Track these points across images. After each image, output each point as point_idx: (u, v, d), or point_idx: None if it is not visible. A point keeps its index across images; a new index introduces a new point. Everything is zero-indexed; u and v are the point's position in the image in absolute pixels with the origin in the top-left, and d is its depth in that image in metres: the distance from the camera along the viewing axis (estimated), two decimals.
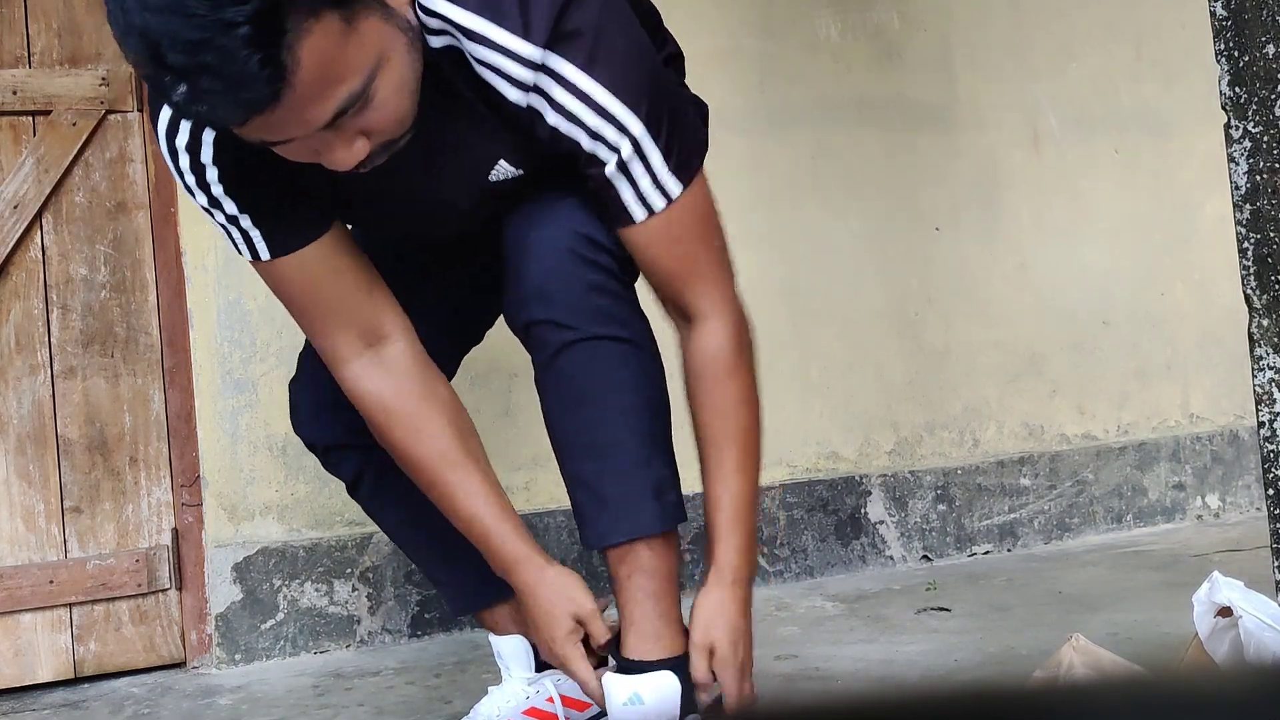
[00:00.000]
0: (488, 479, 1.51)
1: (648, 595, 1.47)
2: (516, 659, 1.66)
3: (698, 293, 1.46)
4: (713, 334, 1.48)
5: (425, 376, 1.50)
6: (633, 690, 1.42)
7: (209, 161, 1.37)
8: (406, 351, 1.49)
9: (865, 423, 2.86)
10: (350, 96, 1.18)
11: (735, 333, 1.51)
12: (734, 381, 1.50)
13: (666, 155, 1.38)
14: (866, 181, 2.90)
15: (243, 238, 1.42)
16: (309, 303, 1.46)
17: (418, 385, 1.49)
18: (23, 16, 2.29)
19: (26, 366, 2.26)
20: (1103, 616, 2.16)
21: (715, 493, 1.49)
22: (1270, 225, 1.42)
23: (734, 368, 1.51)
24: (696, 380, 1.49)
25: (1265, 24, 1.42)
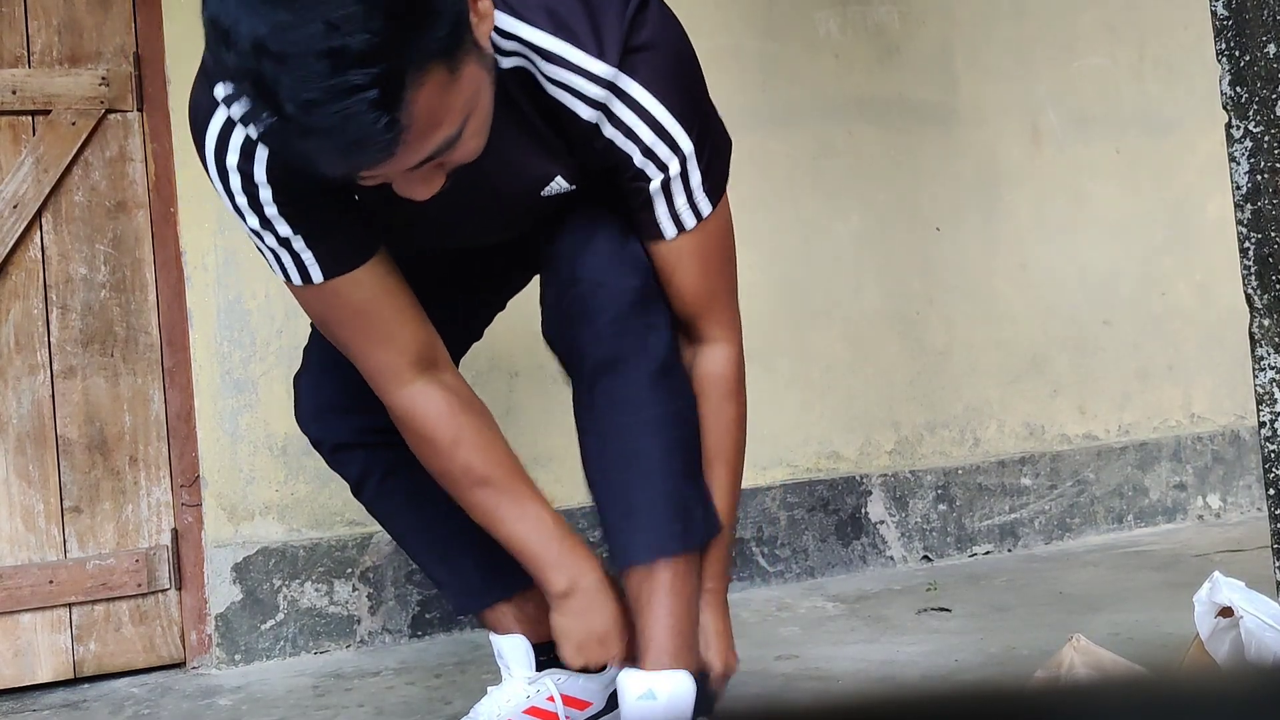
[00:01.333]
0: (539, 494, 1.55)
1: (669, 614, 1.48)
2: (517, 658, 1.66)
3: (710, 317, 1.52)
4: (721, 357, 1.54)
5: (474, 399, 1.53)
6: (648, 686, 1.43)
7: (263, 181, 1.35)
8: (458, 379, 1.52)
9: (866, 422, 2.86)
10: (447, 140, 1.18)
11: (738, 358, 1.57)
12: (733, 405, 1.56)
13: (705, 175, 1.42)
14: (867, 180, 2.90)
15: (293, 260, 1.40)
16: (364, 323, 1.43)
17: (474, 406, 1.52)
18: (22, 15, 2.28)
19: (26, 366, 2.26)
20: (1104, 617, 2.16)
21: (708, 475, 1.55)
22: (1271, 225, 1.42)
23: (735, 392, 1.56)
24: (699, 398, 1.54)
25: (1266, 24, 1.42)
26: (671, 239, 1.44)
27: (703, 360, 1.53)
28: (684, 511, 1.49)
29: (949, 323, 2.96)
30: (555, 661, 1.63)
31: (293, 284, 1.42)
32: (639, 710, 1.43)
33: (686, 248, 1.45)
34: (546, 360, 2.57)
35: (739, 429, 1.57)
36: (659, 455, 1.49)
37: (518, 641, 1.66)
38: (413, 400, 1.46)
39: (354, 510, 2.39)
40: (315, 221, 1.37)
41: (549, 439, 2.56)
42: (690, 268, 1.47)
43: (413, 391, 1.46)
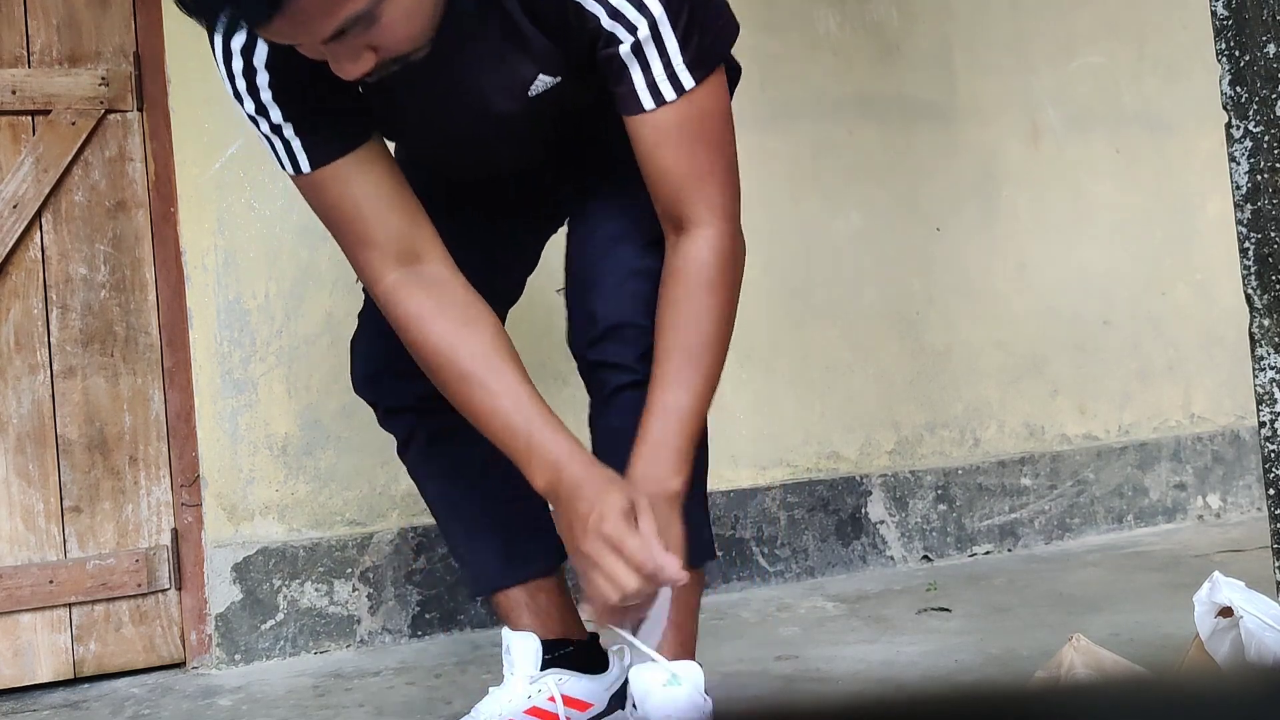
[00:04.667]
0: (528, 382, 1.45)
1: (672, 625, 1.49)
2: (525, 656, 1.64)
3: (695, 198, 1.41)
4: (702, 242, 1.42)
5: (467, 293, 1.46)
6: (670, 672, 1.44)
7: (261, 65, 1.39)
8: (445, 271, 1.46)
9: (866, 422, 2.86)
10: (353, 16, 1.20)
11: (725, 246, 1.44)
12: (711, 296, 1.43)
13: (683, 45, 1.38)
14: (867, 178, 2.90)
15: (284, 148, 1.43)
16: (347, 216, 1.44)
17: (459, 297, 1.46)
18: (22, 15, 2.28)
19: (26, 366, 2.26)
20: (1104, 617, 2.16)
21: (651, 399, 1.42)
22: (1271, 225, 1.42)
23: (715, 282, 1.43)
24: (673, 285, 1.43)
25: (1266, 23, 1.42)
26: (651, 111, 1.38)
27: (682, 247, 1.43)
28: (694, 532, 1.48)
29: (949, 323, 2.96)
30: (560, 660, 1.63)
31: (288, 173, 1.46)
32: (667, 695, 1.43)
33: (668, 122, 1.38)
34: (547, 360, 2.58)
35: (713, 324, 1.42)
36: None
37: (528, 640, 1.64)
38: (392, 294, 1.45)
39: (354, 510, 2.39)
40: (305, 110, 1.41)
41: None
42: (673, 146, 1.40)
43: (392, 285, 1.45)
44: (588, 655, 1.67)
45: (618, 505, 1.31)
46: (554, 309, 2.57)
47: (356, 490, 2.40)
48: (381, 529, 2.40)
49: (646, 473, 1.39)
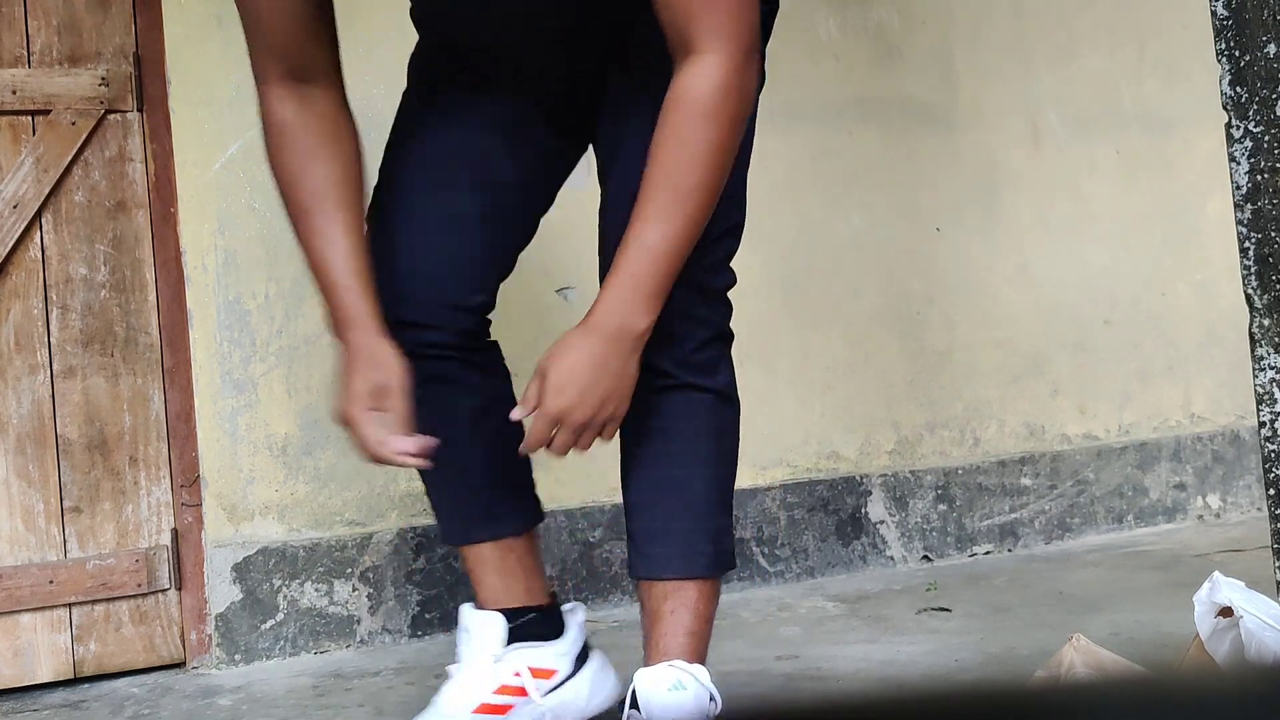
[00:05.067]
0: (357, 233, 1.51)
1: (687, 633, 1.52)
2: (489, 636, 1.59)
3: (704, 20, 1.32)
4: (706, 69, 1.33)
5: (339, 124, 1.52)
6: (676, 678, 1.46)
7: None
8: (329, 98, 1.51)
9: (866, 422, 2.86)
10: None
11: (729, 75, 1.34)
12: (707, 127, 1.35)
13: None
14: (867, 180, 2.90)
15: None
16: (253, 22, 1.48)
17: (328, 125, 1.51)
18: (22, 15, 2.28)
19: (26, 366, 2.26)
20: (1104, 617, 2.16)
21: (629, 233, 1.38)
22: (1272, 225, 1.42)
23: (712, 113, 1.35)
24: (670, 113, 1.35)
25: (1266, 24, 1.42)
26: None
27: (684, 72, 1.34)
28: (717, 541, 1.54)
29: (949, 323, 2.96)
30: (523, 630, 1.60)
31: None
32: (671, 700, 1.44)
33: None
34: None
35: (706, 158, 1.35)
36: (706, 488, 1.55)
37: (492, 620, 1.60)
38: (268, 101, 1.51)
39: (354, 510, 2.39)
40: None
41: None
42: None
43: (271, 92, 1.50)
44: (548, 621, 1.64)
45: (362, 391, 1.44)
46: (554, 309, 2.58)
47: (356, 490, 2.40)
48: (381, 529, 2.40)
49: (612, 308, 1.37)
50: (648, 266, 1.36)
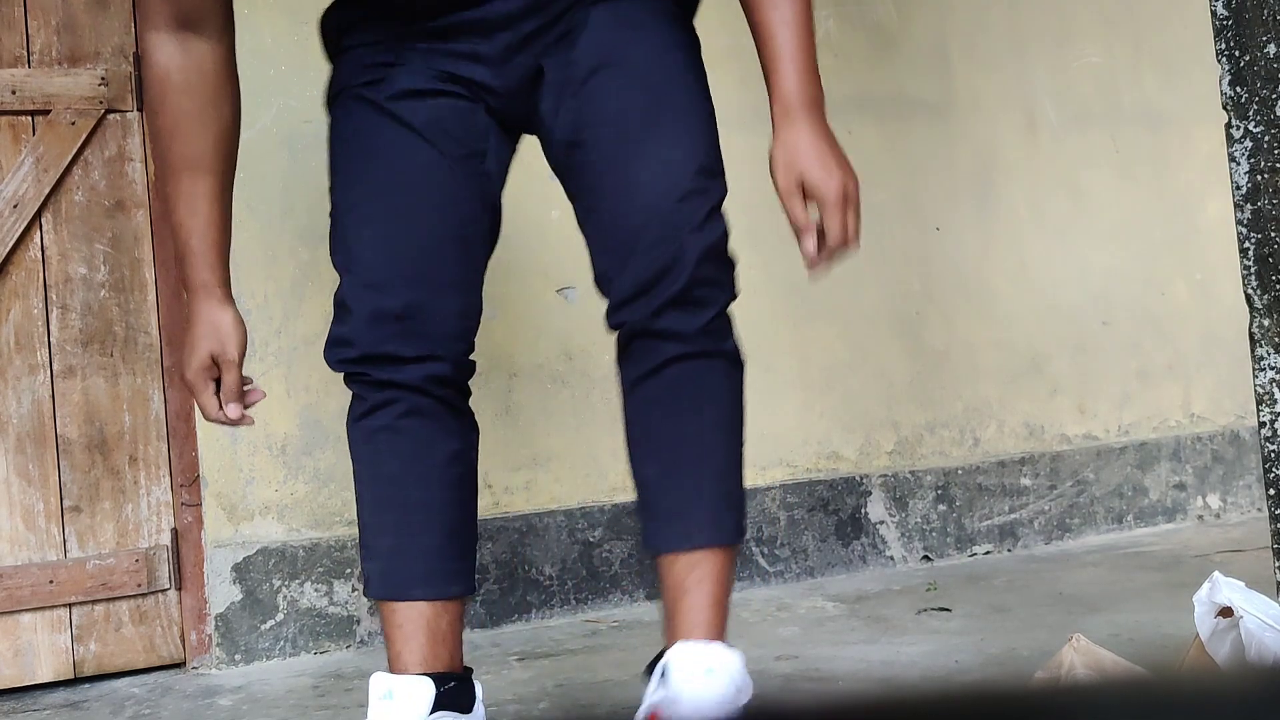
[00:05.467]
0: (221, 201, 1.52)
1: (714, 604, 1.49)
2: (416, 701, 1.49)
3: None
4: None
5: (218, 86, 1.50)
6: (709, 663, 1.43)
7: None
8: (212, 53, 1.49)
9: (866, 422, 2.86)
10: None
11: None
12: None
13: None
14: (865, 176, 2.86)
15: None
16: None
17: (208, 85, 1.49)
18: (22, 15, 2.28)
19: (26, 366, 2.26)
20: (1103, 617, 2.16)
21: (769, 16, 1.45)
22: (1271, 225, 1.42)
23: None
24: None
25: (1266, 23, 1.41)
26: None
27: None
28: (738, 507, 1.53)
29: (949, 322, 2.96)
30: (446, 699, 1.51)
31: None
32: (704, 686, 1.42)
33: None
34: (546, 360, 2.58)
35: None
36: (727, 455, 1.52)
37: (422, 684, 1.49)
38: (151, 48, 1.48)
39: (353, 510, 2.39)
40: None
41: (549, 439, 2.56)
42: None
43: (156, 38, 1.47)
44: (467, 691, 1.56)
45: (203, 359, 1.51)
46: (553, 310, 2.58)
47: None
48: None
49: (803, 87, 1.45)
50: (803, 42, 1.44)
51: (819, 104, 1.44)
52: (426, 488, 1.55)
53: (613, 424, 2.59)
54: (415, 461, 1.52)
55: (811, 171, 1.43)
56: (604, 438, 2.58)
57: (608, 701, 1.87)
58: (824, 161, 1.43)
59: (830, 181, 1.43)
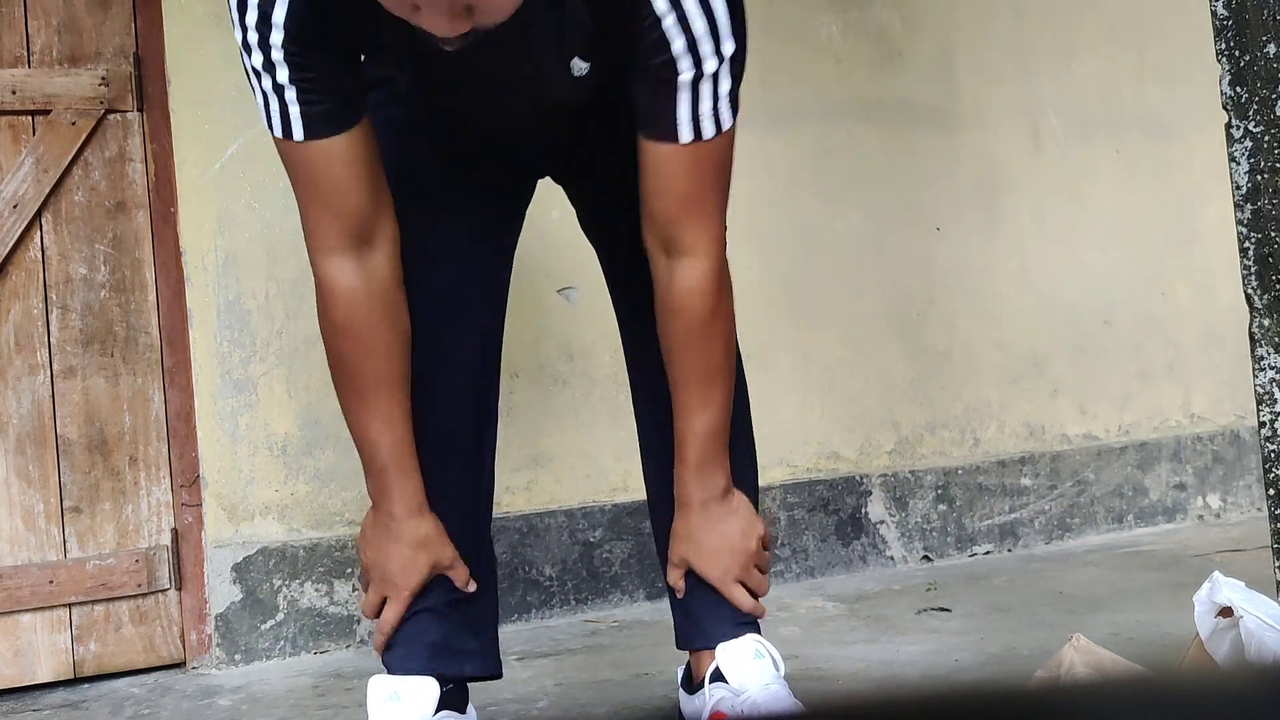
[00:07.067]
0: (409, 419, 1.52)
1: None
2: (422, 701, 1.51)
3: (696, 228, 1.46)
4: (700, 273, 1.48)
5: (398, 296, 1.50)
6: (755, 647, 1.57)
7: (279, 24, 1.34)
8: (388, 265, 1.48)
9: (866, 423, 2.86)
10: None
11: (721, 275, 1.51)
12: (715, 322, 1.51)
13: (734, 85, 1.40)
14: (868, 181, 2.90)
15: (280, 110, 1.39)
16: (320, 189, 1.43)
17: (391, 298, 1.48)
18: (22, 15, 2.28)
19: (26, 366, 2.26)
20: (1103, 616, 2.16)
21: (678, 421, 1.55)
22: (1271, 225, 1.42)
23: (716, 309, 1.51)
24: (675, 316, 1.50)
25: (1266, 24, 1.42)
26: (684, 143, 1.40)
27: (680, 277, 1.48)
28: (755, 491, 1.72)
29: (949, 323, 2.96)
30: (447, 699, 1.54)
31: (274, 133, 1.43)
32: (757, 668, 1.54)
33: (695, 156, 1.41)
34: (546, 360, 2.58)
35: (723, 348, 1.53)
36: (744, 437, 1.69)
37: (428, 685, 1.52)
38: (330, 270, 1.46)
39: (354, 510, 2.39)
40: (314, 78, 1.38)
41: (549, 439, 2.56)
42: (691, 177, 1.42)
43: (335, 263, 1.45)
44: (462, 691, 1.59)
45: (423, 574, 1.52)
46: (553, 310, 2.58)
47: (356, 490, 2.39)
48: None
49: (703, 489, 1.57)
50: (711, 449, 1.55)
51: (714, 494, 1.58)
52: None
53: (613, 424, 2.59)
54: None
55: (698, 560, 1.57)
56: (604, 438, 2.58)
57: (608, 701, 1.87)
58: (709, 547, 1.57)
59: (715, 566, 1.57)
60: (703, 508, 1.57)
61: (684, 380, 1.52)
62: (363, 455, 1.52)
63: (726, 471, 1.58)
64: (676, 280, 1.48)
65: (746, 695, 1.51)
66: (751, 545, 1.59)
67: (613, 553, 2.56)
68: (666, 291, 1.49)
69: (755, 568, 1.59)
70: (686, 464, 1.55)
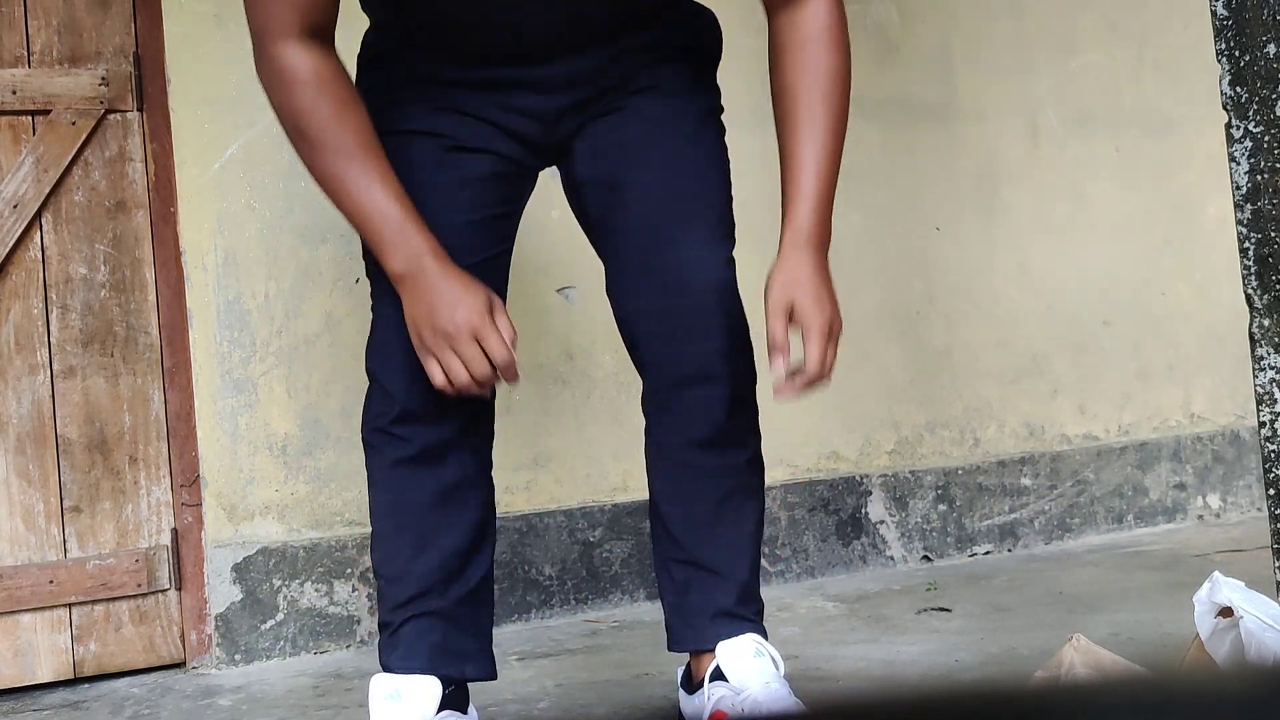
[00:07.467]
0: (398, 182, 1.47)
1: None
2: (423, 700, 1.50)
3: None
4: (824, 9, 1.52)
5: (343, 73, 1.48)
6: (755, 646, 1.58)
7: None
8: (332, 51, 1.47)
9: (866, 422, 2.86)
10: None
11: (842, 13, 1.53)
12: (839, 55, 1.52)
13: None
14: (867, 179, 2.90)
15: None
16: None
17: (342, 78, 1.46)
18: (22, 15, 2.28)
19: (26, 366, 2.26)
20: (1103, 617, 2.16)
21: (800, 150, 1.52)
22: (1271, 225, 1.42)
23: (840, 43, 1.52)
24: (799, 48, 1.53)
25: (1266, 23, 1.42)
26: None
27: (803, 12, 1.52)
28: None
29: (949, 323, 2.96)
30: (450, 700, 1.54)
31: None
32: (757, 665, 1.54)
33: None
34: (546, 360, 2.58)
35: (844, 82, 1.52)
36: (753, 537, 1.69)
37: (430, 684, 1.52)
38: (289, 56, 1.43)
39: (354, 510, 2.39)
40: None
41: (549, 439, 2.56)
42: None
43: (293, 49, 1.43)
44: (463, 691, 1.59)
45: (483, 300, 1.44)
46: (553, 310, 2.58)
47: (356, 490, 2.40)
48: None
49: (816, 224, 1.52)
50: (826, 184, 1.51)
51: (826, 244, 1.53)
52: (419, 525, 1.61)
53: (613, 424, 2.59)
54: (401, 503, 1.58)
55: (805, 301, 1.52)
56: (604, 438, 2.58)
57: (608, 701, 1.87)
58: (818, 295, 1.51)
59: (820, 314, 1.51)
60: (817, 253, 1.53)
61: (802, 111, 1.52)
62: (373, 225, 1.45)
63: (830, 215, 1.55)
64: (799, 16, 1.52)
65: (747, 694, 1.51)
66: (839, 318, 1.54)
67: (613, 553, 2.56)
68: (790, 29, 1.52)
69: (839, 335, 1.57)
70: (809, 202, 1.51)
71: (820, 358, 1.51)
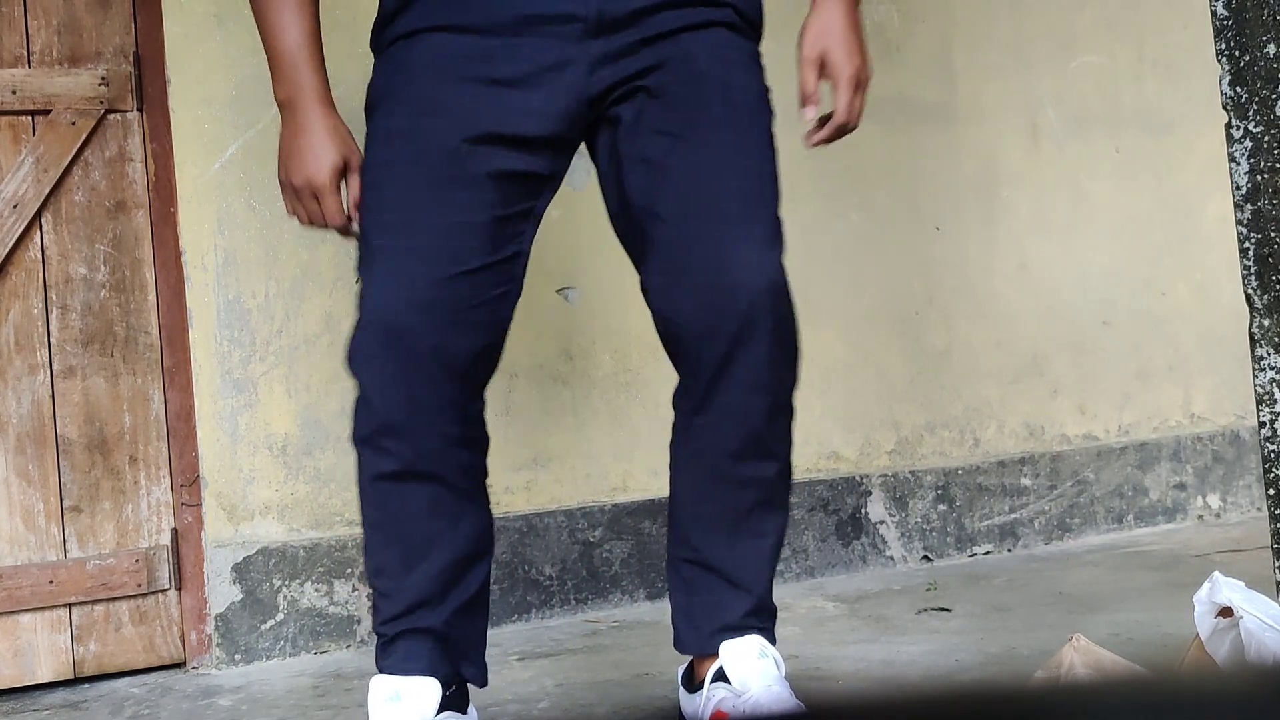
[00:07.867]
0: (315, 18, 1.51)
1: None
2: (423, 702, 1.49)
3: None
4: None
5: None
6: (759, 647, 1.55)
7: None
8: None
9: (866, 423, 2.86)
10: None
11: None
12: None
13: None
14: (867, 178, 2.90)
15: None
16: None
17: None
18: (22, 15, 2.28)
19: (26, 366, 2.26)
20: (1104, 617, 2.16)
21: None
22: (1271, 225, 1.42)
23: None
24: None
25: (1266, 23, 1.42)
26: None
27: None
28: None
29: (949, 323, 2.96)
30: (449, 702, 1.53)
31: None
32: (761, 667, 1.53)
33: None
34: (546, 360, 2.58)
35: None
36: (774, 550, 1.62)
37: (429, 685, 1.50)
38: None
39: (354, 510, 2.39)
40: None
41: (549, 439, 2.56)
42: None
43: None
44: (463, 692, 1.58)
45: (334, 157, 1.48)
46: (553, 310, 2.58)
47: (356, 490, 2.40)
48: None
49: None
50: None
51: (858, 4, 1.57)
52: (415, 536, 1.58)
53: (613, 424, 2.59)
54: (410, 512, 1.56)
55: (836, 50, 1.55)
56: (604, 438, 2.58)
57: (608, 701, 1.87)
58: (849, 44, 1.55)
59: (850, 63, 1.55)
60: (849, 4, 1.56)
61: None
62: (271, 49, 1.50)
63: None
64: None
65: (748, 695, 1.51)
66: (868, 68, 1.57)
67: (613, 553, 2.56)
68: None
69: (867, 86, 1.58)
70: None
71: (848, 106, 1.56)
